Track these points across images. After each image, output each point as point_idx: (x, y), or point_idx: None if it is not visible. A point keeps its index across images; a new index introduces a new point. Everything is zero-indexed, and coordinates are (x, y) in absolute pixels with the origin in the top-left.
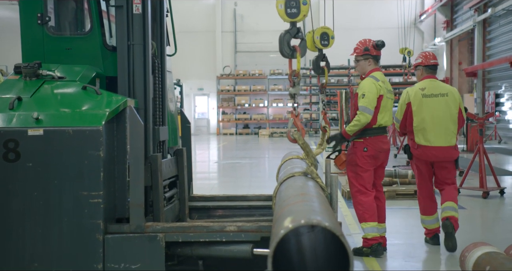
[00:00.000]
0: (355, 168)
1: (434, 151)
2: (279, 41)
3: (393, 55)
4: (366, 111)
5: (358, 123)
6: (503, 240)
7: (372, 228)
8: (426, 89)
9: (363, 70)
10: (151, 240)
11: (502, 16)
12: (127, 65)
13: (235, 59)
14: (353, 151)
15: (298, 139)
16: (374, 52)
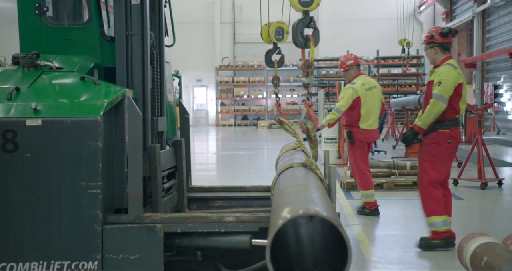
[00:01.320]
0: (435, 158)
1: (373, 133)
2: (292, 31)
3: (392, 46)
4: (441, 100)
5: (431, 114)
6: (501, 231)
7: (445, 222)
8: (365, 84)
9: (431, 58)
10: (149, 230)
11: (501, 7)
12: (125, 55)
13: (234, 50)
14: (435, 140)
15: (312, 130)
16: (440, 40)
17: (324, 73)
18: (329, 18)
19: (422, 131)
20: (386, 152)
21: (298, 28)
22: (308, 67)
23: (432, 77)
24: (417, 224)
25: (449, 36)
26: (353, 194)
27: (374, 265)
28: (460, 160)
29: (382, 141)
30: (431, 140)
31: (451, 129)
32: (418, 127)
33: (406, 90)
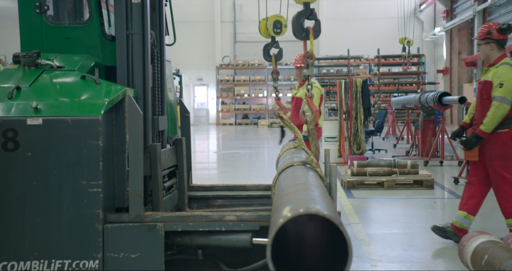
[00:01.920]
0: (505, 160)
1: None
2: (292, 23)
3: (393, 45)
4: (505, 102)
5: (495, 117)
6: (502, 229)
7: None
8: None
9: (485, 55)
10: (150, 229)
11: (502, 6)
12: (126, 54)
13: (234, 49)
14: (500, 142)
15: (310, 122)
16: (498, 36)
17: (324, 72)
18: (330, 17)
19: (486, 135)
20: (387, 150)
21: (298, 20)
22: (308, 58)
23: (487, 76)
24: (417, 222)
25: (507, 33)
26: (354, 192)
27: (375, 263)
28: (460, 159)
29: (383, 139)
30: (495, 143)
31: (510, 128)
32: (482, 132)
33: (406, 89)
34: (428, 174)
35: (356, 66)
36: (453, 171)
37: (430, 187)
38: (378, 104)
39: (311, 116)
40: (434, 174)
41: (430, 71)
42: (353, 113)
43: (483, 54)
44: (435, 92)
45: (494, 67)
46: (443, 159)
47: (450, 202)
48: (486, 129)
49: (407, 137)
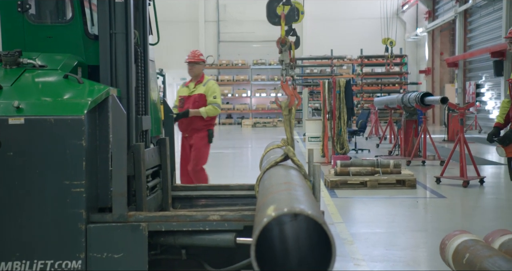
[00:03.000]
0: None
1: None
2: (266, 8)
3: (376, 46)
4: None
5: None
6: (483, 228)
7: None
8: None
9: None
10: (134, 229)
11: (483, 7)
12: (109, 54)
13: (218, 49)
14: None
15: (284, 108)
16: None
17: (308, 72)
18: (313, 18)
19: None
20: (369, 150)
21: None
22: (282, 44)
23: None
24: (400, 222)
25: None
26: (337, 192)
27: (358, 262)
28: (442, 158)
29: (366, 139)
30: None
31: None
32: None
33: (389, 89)
34: (410, 174)
35: (339, 66)
36: (435, 171)
37: (413, 186)
38: (361, 104)
39: (285, 102)
40: (417, 173)
41: (412, 72)
42: (336, 113)
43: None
44: (417, 92)
45: None
46: (425, 159)
47: (432, 201)
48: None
49: (390, 137)
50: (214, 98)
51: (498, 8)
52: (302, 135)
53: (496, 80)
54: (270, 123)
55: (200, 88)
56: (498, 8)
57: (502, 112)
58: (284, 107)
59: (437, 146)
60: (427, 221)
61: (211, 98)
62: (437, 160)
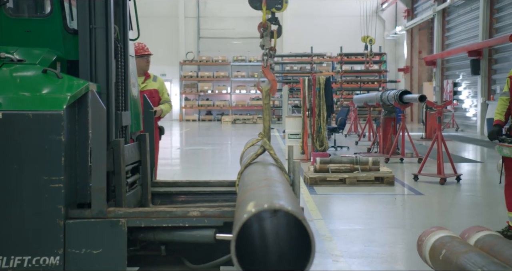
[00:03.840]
0: None
1: None
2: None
3: (355, 43)
4: None
5: None
6: (459, 225)
7: None
8: None
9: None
10: (113, 225)
11: (461, 6)
12: (89, 49)
13: (198, 45)
14: None
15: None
16: None
17: (288, 69)
18: (293, 14)
19: None
20: (349, 147)
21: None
22: (263, 29)
23: None
24: (378, 218)
25: None
26: (316, 189)
27: (336, 259)
28: (420, 156)
29: (345, 136)
30: None
31: None
32: None
33: (368, 87)
34: (389, 171)
35: (319, 64)
36: (413, 168)
37: (391, 183)
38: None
39: (267, 87)
40: (395, 170)
41: (391, 70)
42: (316, 111)
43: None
44: (396, 90)
45: None
46: (403, 156)
47: (410, 198)
48: None
49: (369, 134)
50: (167, 95)
51: (475, 7)
52: (282, 132)
53: (473, 79)
54: (250, 120)
55: (152, 84)
56: (475, 8)
57: (501, 110)
58: (265, 95)
59: (415, 143)
60: (404, 218)
61: (165, 95)
62: (415, 157)
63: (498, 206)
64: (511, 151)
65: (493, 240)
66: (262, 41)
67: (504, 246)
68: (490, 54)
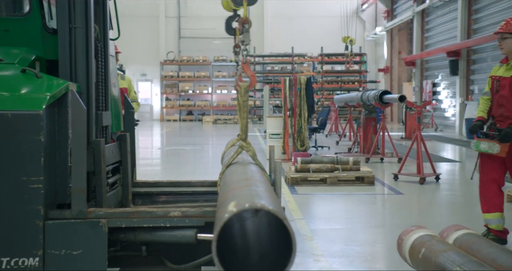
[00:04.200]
0: None
1: None
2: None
3: (336, 44)
4: None
5: None
6: (438, 224)
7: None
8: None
9: (509, 50)
10: (93, 225)
11: (439, 7)
12: (68, 48)
13: (179, 45)
14: None
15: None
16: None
17: (269, 69)
18: (274, 15)
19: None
20: (329, 147)
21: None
22: (243, 24)
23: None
24: (359, 218)
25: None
26: (297, 188)
27: (317, 258)
28: (400, 156)
29: (326, 136)
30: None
31: None
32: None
33: (349, 87)
34: (369, 171)
35: (300, 64)
36: (393, 168)
37: (371, 183)
38: (321, 101)
39: (246, 83)
40: (375, 170)
41: (371, 70)
42: (297, 111)
43: (506, 48)
44: (376, 90)
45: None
46: (383, 156)
47: (390, 198)
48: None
49: (349, 134)
50: (135, 93)
51: (453, 9)
52: (263, 132)
53: (452, 79)
54: (231, 120)
55: (121, 83)
56: (454, 9)
57: (484, 108)
58: (244, 93)
59: (395, 143)
60: (385, 217)
61: (133, 93)
62: (395, 157)
63: (476, 205)
64: (489, 146)
65: (472, 239)
66: (242, 37)
67: (482, 244)
68: (468, 55)
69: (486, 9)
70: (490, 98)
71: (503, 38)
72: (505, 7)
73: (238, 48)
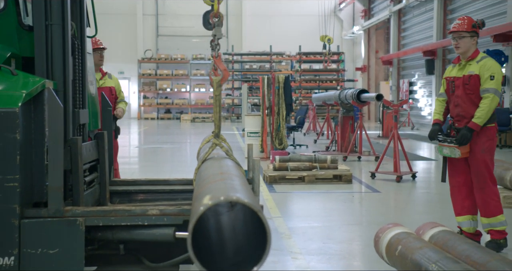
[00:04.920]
0: (492, 155)
1: None
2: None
3: (314, 43)
4: (497, 94)
5: (490, 109)
6: (415, 221)
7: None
8: None
9: (466, 48)
10: (70, 224)
11: (416, 7)
12: (45, 45)
13: (156, 43)
14: (490, 136)
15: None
16: (479, 31)
17: (247, 67)
18: (252, 13)
19: (478, 128)
20: (307, 146)
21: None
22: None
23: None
24: (337, 216)
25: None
26: (275, 187)
27: (295, 256)
28: (377, 154)
29: (304, 135)
30: (486, 137)
31: (495, 123)
32: (476, 124)
33: (327, 86)
34: (347, 169)
35: (278, 63)
36: (370, 166)
37: (349, 181)
38: (299, 100)
39: (218, 77)
40: (353, 168)
41: (349, 69)
42: (275, 109)
43: (464, 47)
44: (354, 89)
45: (474, 61)
46: (361, 154)
47: (367, 196)
48: (481, 123)
49: (327, 133)
50: (122, 93)
51: (429, 8)
52: (241, 130)
53: (428, 79)
54: (209, 119)
55: (110, 81)
56: (430, 9)
57: (439, 109)
58: (217, 86)
59: (372, 141)
60: (362, 215)
61: (121, 93)
62: (372, 155)
63: (451, 203)
64: (451, 151)
65: (447, 236)
66: (214, 31)
67: (456, 241)
68: (444, 54)
69: (461, 10)
70: (446, 99)
71: (461, 37)
72: (480, 7)
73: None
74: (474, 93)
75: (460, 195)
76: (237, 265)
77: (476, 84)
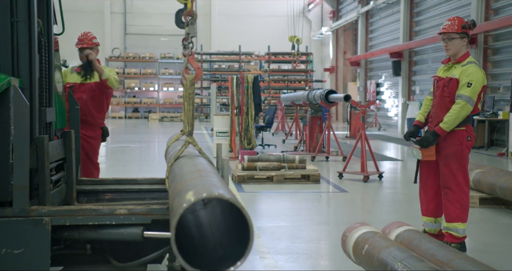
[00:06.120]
0: (461, 160)
1: None
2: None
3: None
4: (470, 103)
5: (459, 116)
6: (381, 220)
7: (464, 230)
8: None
9: (456, 50)
10: (36, 224)
11: (383, 9)
12: (10, 43)
13: (124, 41)
14: (457, 141)
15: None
16: (469, 32)
17: (216, 67)
18: (221, 13)
19: (444, 133)
20: (276, 146)
21: None
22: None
23: (452, 73)
24: (304, 216)
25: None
26: (244, 186)
27: (263, 255)
28: (345, 154)
29: (273, 135)
30: (451, 141)
31: (467, 126)
32: (441, 129)
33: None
34: (315, 169)
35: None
36: (338, 166)
37: (317, 181)
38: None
39: (191, 77)
40: (321, 168)
41: (317, 70)
42: (244, 109)
43: (454, 49)
44: (322, 90)
45: (460, 64)
46: (329, 155)
47: (335, 196)
48: (447, 128)
49: (296, 133)
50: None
51: (396, 11)
52: (210, 130)
53: (395, 80)
54: (178, 118)
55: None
56: (396, 11)
57: (424, 110)
58: (190, 84)
59: (340, 142)
60: (329, 215)
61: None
62: (340, 155)
63: (416, 202)
64: (416, 152)
65: (412, 235)
66: (187, 29)
67: (422, 240)
68: (410, 56)
69: (427, 12)
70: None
71: (450, 38)
72: (445, 10)
73: (187, 41)
74: (450, 97)
75: (426, 197)
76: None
77: (454, 88)
